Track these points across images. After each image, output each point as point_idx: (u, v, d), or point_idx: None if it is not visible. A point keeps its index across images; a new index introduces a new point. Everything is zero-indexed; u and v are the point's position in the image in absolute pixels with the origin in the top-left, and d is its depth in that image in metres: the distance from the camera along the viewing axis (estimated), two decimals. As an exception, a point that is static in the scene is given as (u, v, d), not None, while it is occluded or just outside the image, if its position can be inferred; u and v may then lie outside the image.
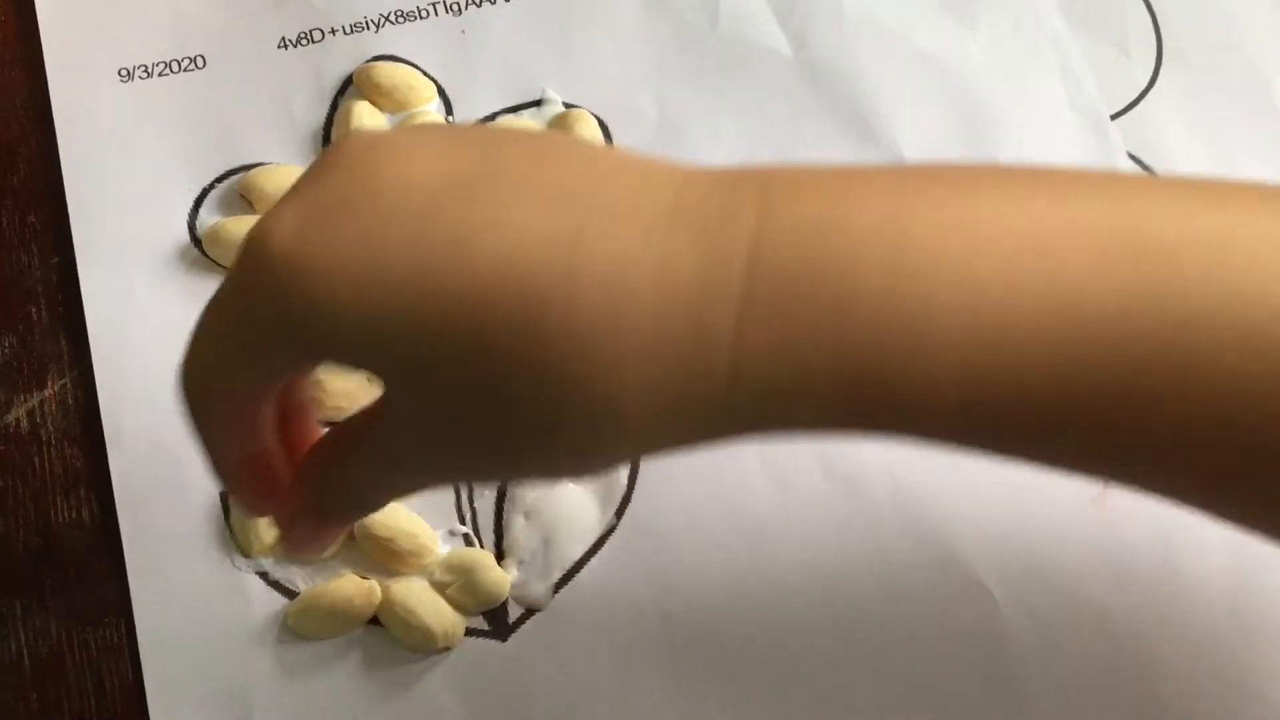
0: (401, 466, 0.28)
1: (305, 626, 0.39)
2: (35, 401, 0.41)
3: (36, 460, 0.41)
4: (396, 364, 0.26)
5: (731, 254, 0.24)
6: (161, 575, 0.39)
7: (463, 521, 0.41)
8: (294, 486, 0.31)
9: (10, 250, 0.43)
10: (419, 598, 0.39)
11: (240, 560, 0.40)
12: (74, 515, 0.40)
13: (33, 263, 0.43)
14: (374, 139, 0.27)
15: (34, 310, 0.43)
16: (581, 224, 0.24)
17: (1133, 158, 0.46)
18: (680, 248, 0.24)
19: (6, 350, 0.42)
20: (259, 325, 0.26)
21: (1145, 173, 0.46)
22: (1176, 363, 0.24)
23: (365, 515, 0.37)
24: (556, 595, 0.40)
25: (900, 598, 0.39)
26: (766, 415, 0.25)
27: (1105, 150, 0.46)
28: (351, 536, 0.40)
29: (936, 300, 0.24)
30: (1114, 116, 0.47)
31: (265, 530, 0.40)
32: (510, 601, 0.40)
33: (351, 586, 0.39)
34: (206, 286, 0.42)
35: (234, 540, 0.40)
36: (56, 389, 0.42)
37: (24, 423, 0.41)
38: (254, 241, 0.26)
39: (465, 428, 0.26)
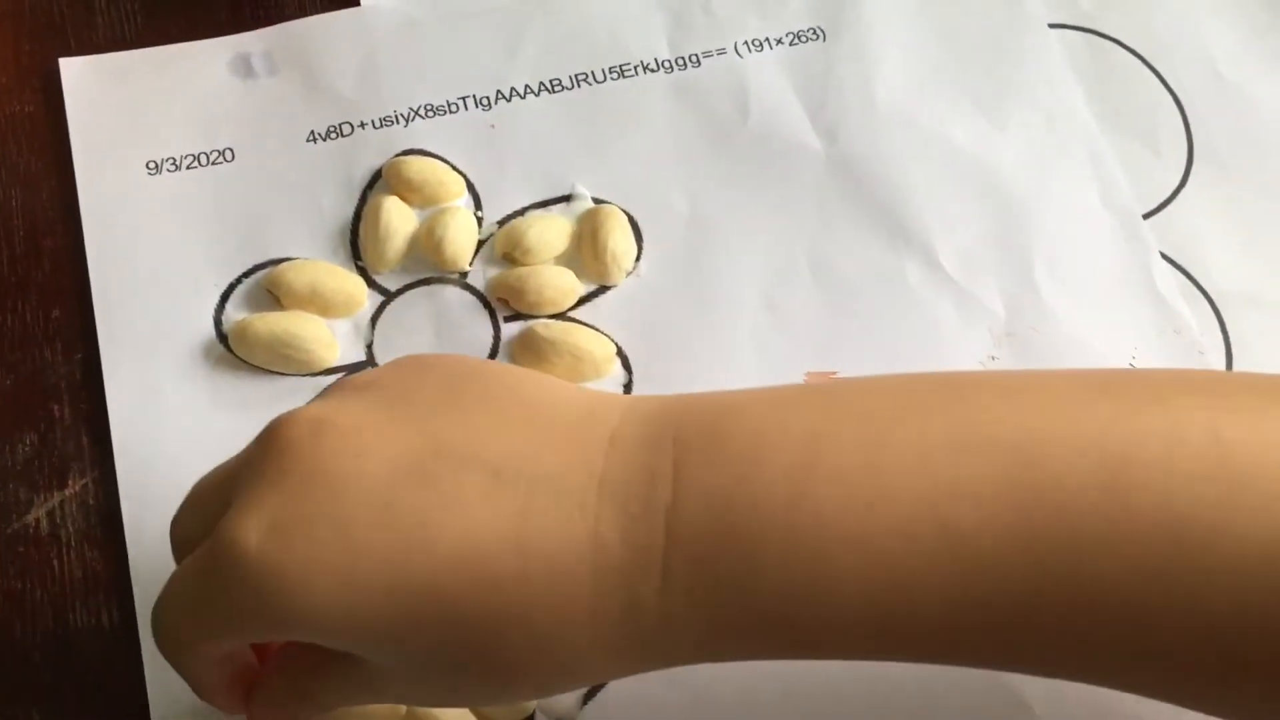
0: (374, 694, 0.30)
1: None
2: (55, 502, 0.40)
3: (56, 563, 0.39)
4: (372, 643, 0.28)
5: (652, 530, 0.27)
6: (183, 685, 0.38)
7: (489, 628, 0.39)
8: (264, 684, 0.32)
9: (33, 346, 0.42)
10: (447, 713, 0.37)
11: (262, 668, 0.38)
12: (93, 620, 0.39)
13: (56, 359, 0.42)
14: (315, 425, 0.29)
15: (56, 408, 0.41)
16: (524, 507, 0.27)
17: (1166, 258, 0.45)
18: (609, 521, 0.27)
19: (27, 449, 0.41)
20: (235, 616, 0.28)
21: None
22: (1068, 586, 0.26)
23: None
24: (584, 708, 0.38)
25: (938, 708, 0.38)
26: (703, 653, 0.29)
27: (1138, 250, 0.45)
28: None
29: (833, 560, 0.26)
30: (1146, 216, 0.46)
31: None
32: (538, 714, 0.38)
33: (379, 705, 0.37)
34: (232, 384, 0.42)
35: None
36: (77, 489, 0.40)
37: (44, 523, 0.40)
38: (224, 547, 0.28)
39: (436, 683, 0.29)
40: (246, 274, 0.43)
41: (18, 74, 0.47)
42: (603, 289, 0.44)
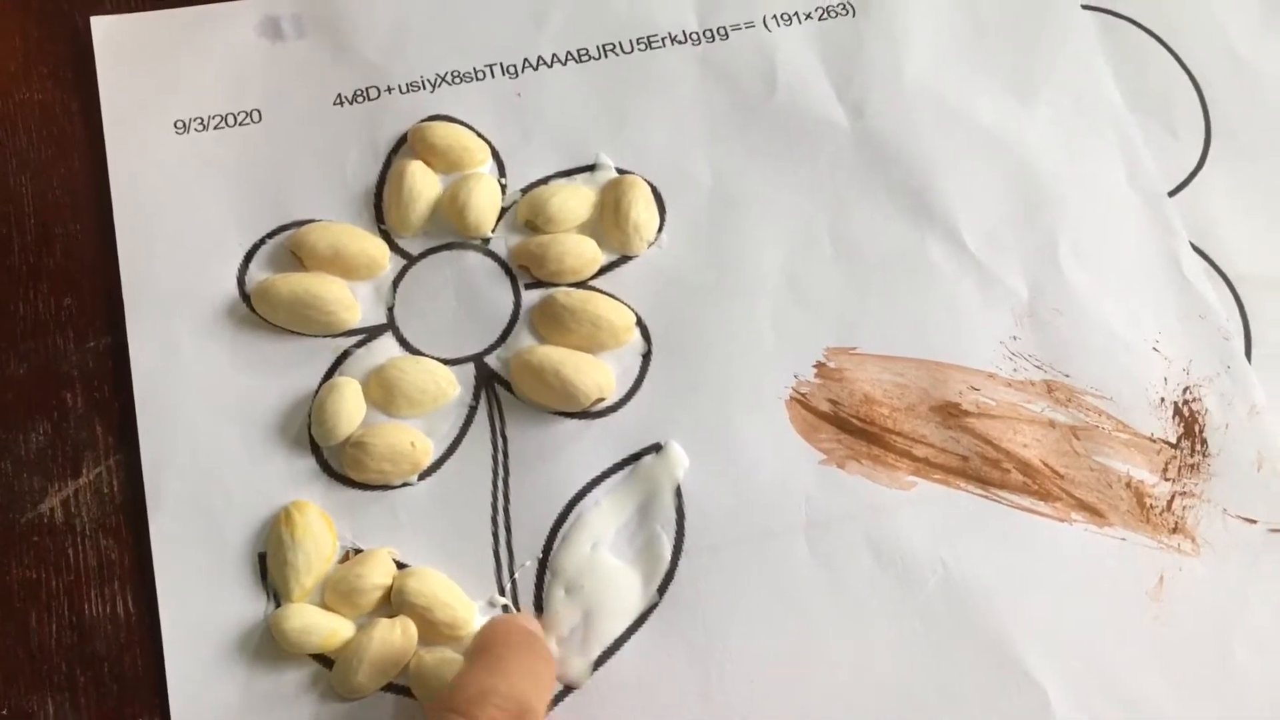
0: None
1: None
2: (70, 491, 0.38)
3: (70, 552, 0.38)
4: None
5: None
6: (202, 674, 0.36)
7: (502, 592, 0.38)
8: None
9: (45, 334, 0.41)
10: (453, 669, 0.36)
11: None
12: (109, 609, 0.37)
13: (68, 347, 0.40)
14: None
15: (69, 396, 0.40)
16: None
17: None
18: None
19: (41, 438, 0.39)
20: None
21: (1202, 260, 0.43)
22: None
23: None
24: (595, 673, 0.37)
25: (950, 690, 0.36)
26: None
27: (1165, 234, 0.43)
28: (388, 603, 0.37)
29: None
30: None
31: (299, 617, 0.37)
32: (548, 679, 0.37)
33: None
34: (252, 343, 0.41)
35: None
36: (91, 477, 0.39)
37: (58, 513, 0.38)
38: None
39: None
40: (270, 235, 0.42)
41: (25, 62, 0.45)
42: (624, 258, 0.42)
